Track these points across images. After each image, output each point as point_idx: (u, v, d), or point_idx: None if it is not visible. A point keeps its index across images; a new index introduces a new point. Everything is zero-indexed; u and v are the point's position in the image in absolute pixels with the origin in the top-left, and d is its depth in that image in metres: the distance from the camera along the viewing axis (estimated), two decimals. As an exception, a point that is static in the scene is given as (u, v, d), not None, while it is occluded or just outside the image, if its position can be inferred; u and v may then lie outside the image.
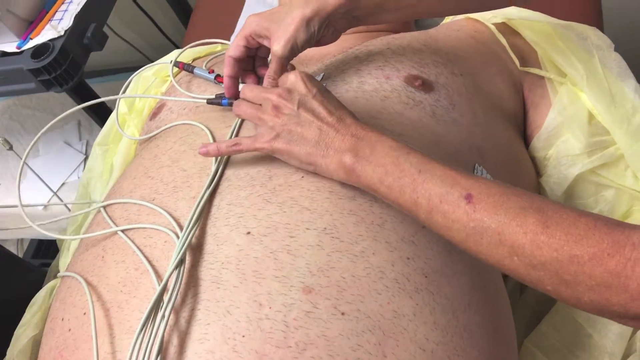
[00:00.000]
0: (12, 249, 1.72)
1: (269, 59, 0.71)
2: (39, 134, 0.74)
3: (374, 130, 0.57)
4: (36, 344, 0.71)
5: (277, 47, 0.64)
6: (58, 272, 0.90)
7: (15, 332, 0.71)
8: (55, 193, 1.24)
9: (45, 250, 1.67)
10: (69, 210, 1.12)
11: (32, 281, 0.94)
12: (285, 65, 0.66)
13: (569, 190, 0.78)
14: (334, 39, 0.69)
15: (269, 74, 0.66)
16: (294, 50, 0.65)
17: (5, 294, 0.92)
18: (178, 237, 0.57)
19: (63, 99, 1.60)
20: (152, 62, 0.96)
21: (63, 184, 1.44)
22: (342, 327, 0.50)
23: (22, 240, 1.74)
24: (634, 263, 0.42)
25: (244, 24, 0.67)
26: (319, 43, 0.68)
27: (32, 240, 1.70)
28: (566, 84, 0.78)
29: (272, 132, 0.59)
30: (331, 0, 0.63)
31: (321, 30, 0.65)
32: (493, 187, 0.50)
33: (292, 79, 0.61)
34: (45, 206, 1.38)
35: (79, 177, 1.42)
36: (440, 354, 0.52)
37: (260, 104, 0.62)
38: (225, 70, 0.70)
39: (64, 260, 0.90)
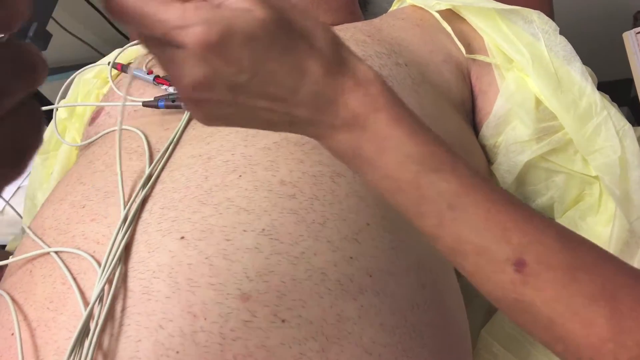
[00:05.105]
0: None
1: None
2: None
3: (386, 108, 0.39)
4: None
5: None
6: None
7: None
8: (7, 202, 1.21)
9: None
10: (21, 218, 1.10)
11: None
12: None
13: (520, 177, 0.77)
14: None
15: None
16: None
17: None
18: (114, 243, 0.54)
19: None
20: (105, 56, 0.92)
21: (18, 187, 1.40)
22: (283, 335, 0.48)
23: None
24: None
25: None
26: None
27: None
28: (513, 70, 0.76)
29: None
30: None
31: None
32: (556, 252, 0.38)
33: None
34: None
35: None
36: (389, 356, 0.50)
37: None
38: None
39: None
